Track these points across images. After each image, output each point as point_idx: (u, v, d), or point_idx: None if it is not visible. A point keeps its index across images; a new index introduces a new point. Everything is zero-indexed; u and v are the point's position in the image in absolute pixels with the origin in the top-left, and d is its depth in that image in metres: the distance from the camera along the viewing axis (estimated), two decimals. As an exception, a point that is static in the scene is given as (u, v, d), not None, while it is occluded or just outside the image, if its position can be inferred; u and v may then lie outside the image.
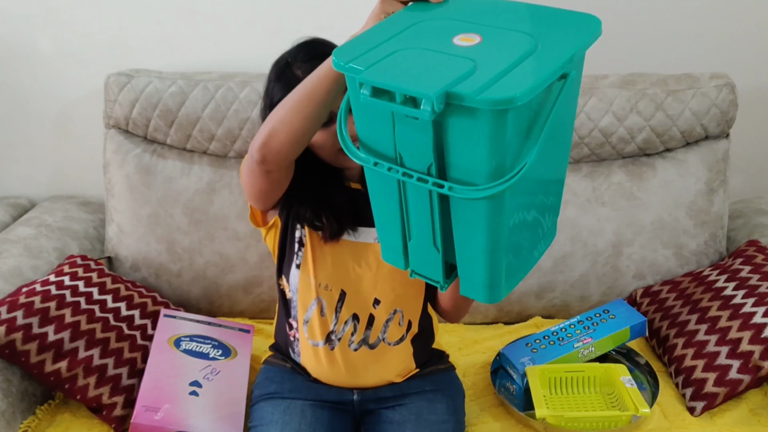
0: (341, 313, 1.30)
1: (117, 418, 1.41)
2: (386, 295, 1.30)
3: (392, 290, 1.30)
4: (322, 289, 1.29)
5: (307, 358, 1.34)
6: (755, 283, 1.52)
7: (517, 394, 1.50)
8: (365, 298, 1.30)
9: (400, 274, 1.24)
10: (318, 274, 1.29)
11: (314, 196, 1.25)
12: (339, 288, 1.29)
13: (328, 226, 1.25)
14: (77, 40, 1.84)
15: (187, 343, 1.52)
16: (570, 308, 1.77)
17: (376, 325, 1.31)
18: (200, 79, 1.74)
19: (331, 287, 1.29)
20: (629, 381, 1.43)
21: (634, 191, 1.74)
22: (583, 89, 1.71)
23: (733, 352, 1.43)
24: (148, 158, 1.76)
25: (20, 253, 1.64)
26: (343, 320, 1.30)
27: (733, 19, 1.93)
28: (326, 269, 1.28)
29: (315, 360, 1.33)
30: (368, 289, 1.29)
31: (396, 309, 1.31)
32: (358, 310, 1.30)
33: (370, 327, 1.31)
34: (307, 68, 1.09)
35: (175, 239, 1.75)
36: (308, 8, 1.81)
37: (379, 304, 1.30)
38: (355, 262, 1.28)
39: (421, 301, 1.34)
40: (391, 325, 1.32)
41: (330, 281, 1.29)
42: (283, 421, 1.27)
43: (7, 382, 1.39)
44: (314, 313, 1.30)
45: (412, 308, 1.33)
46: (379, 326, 1.31)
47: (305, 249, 1.29)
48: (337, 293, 1.29)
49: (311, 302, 1.30)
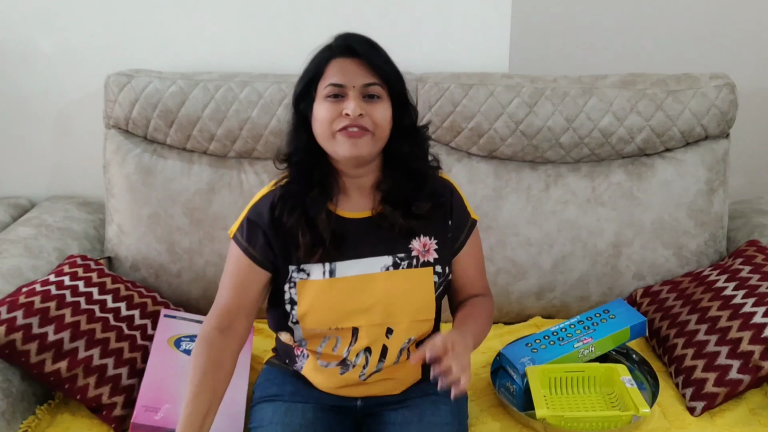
0: (354, 346, 1.25)
1: (117, 418, 1.41)
2: (399, 324, 1.25)
3: (406, 317, 1.25)
4: (333, 330, 1.25)
5: (313, 373, 1.32)
6: (755, 283, 1.52)
7: (517, 394, 1.50)
8: (378, 331, 1.25)
9: (411, 297, 1.24)
10: (321, 322, 1.24)
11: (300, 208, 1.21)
12: (350, 326, 1.24)
13: (303, 243, 1.20)
14: (77, 40, 1.84)
15: (187, 344, 1.52)
16: (570, 308, 1.77)
17: (390, 356, 1.27)
18: (200, 79, 1.74)
19: (341, 327, 1.24)
20: (629, 381, 1.43)
21: (634, 191, 1.74)
22: (583, 89, 1.72)
23: (733, 352, 1.43)
24: (148, 158, 1.76)
25: (20, 253, 1.64)
26: (356, 353, 1.26)
27: (733, 19, 1.93)
28: (330, 313, 1.23)
29: (321, 376, 1.31)
30: (380, 320, 1.24)
31: (410, 338, 1.27)
32: (372, 342, 1.25)
33: (383, 359, 1.27)
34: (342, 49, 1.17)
35: (175, 239, 1.75)
36: (308, 8, 1.81)
37: (392, 333, 1.25)
38: (361, 297, 1.23)
39: (433, 323, 1.29)
40: (403, 353, 1.29)
41: (338, 323, 1.24)
42: (283, 423, 1.27)
43: (7, 382, 1.39)
44: (326, 347, 1.27)
45: (425, 331, 1.29)
46: (393, 356, 1.27)
47: (297, 306, 1.24)
48: (349, 331, 1.25)
49: (322, 341, 1.27)
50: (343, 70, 1.17)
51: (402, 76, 1.22)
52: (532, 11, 1.95)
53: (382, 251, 1.25)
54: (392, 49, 1.22)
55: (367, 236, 1.24)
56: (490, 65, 1.82)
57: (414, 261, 1.25)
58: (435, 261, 1.27)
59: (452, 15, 1.81)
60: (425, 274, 1.26)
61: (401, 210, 1.22)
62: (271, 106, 1.72)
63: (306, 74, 1.21)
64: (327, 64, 1.18)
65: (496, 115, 1.71)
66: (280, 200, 1.23)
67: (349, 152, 1.16)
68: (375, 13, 1.80)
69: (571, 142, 1.73)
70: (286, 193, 1.23)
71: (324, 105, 1.17)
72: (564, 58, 1.96)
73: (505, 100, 1.71)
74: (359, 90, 1.16)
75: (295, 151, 1.24)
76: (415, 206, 1.23)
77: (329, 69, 1.18)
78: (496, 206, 1.74)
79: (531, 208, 1.74)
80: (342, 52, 1.18)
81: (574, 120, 1.71)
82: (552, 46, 1.99)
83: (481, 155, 1.77)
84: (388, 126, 1.20)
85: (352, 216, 1.26)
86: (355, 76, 1.16)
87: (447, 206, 1.29)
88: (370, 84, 1.17)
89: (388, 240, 1.24)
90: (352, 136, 1.15)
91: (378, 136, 1.18)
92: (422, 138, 1.27)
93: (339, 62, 1.18)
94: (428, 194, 1.25)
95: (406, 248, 1.25)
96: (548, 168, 1.77)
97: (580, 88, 1.72)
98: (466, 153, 1.77)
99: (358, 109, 1.14)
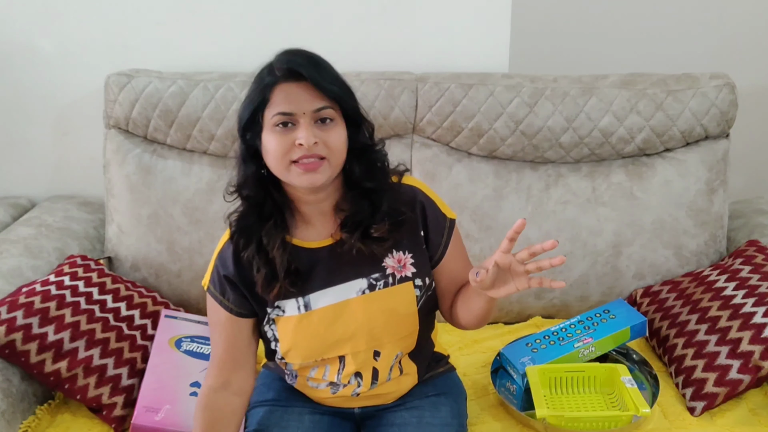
0: (344, 372, 1.23)
1: (117, 418, 1.41)
2: (385, 345, 1.22)
3: (391, 337, 1.22)
4: (319, 361, 1.22)
5: (306, 388, 1.30)
6: (755, 283, 1.52)
7: (517, 394, 1.50)
8: (364, 356, 1.22)
9: (394, 316, 1.20)
10: (306, 356, 1.21)
11: (255, 242, 1.17)
12: (335, 355, 1.21)
13: (258, 278, 1.16)
14: (77, 40, 1.84)
15: (187, 344, 1.52)
16: (570, 308, 1.77)
17: (381, 376, 1.24)
18: (200, 79, 1.74)
19: (327, 357, 1.21)
20: (629, 381, 1.43)
21: (634, 191, 1.74)
22: (583, 89, 1.72)
23: (733, 352, 1.43)
24: (148, 158, 1.76)
25: (20, 253, 1.64)
26: (347, 378, 1.23)
27: (733, 19, 1.93)
28: (312, 347, 1.21)
29: (315, 392, 1.29)
30: (366, 346, 1.21)
31: (398, 353, 1.24)
32: (360, 367, 1.22)
33: (375, 381, 1.24)
34: (284, 71, 1.09)
35: (175, 239, 1.75)
36: (308, 8, 1.80)
37: (380, 355, 1.22)
38: (341, 325, 1.19)
39: (417, 332, 1.25)
40: (394, 369, 1.27)
41: (323, 354, 1.21)
42: (280, 427, 1.26)
43: (7, 382, 1.39)
44: (316, 374, 1.25)
45: (409, 343, 1.26)
46: (385, 375, 1.24)
47: (279, 343, 1.21)
48: (336, 359, 1.22)
49: (311, 370, 1.25)
50: (290, 96, 1.09)
51: (352, 92, 1.14)
52: (532, 11, 1.95)
53: (355, 275, 1.19)
54: (392, 49, 1.22)
55: (335, 262, 1.19)
56: (490, 65, 1.82)
57: (390, 279, 1.20)
58: (414, 275, 1.21)
59: (452, 15, 1.81)
60: (405, 289, 1.21)
61: (359, 233, 1.16)
62: (271, 106, 1.71)
63: (250, 102, 1.12)
64: (272, 90, 1.09)
65: (496, 115, 1.71)
66: (236, 236, 1.18)
67: (307, 183, 1.11)
68: (375, 14, 1.80)
69: (571, 142, 1.73)
70: (240, 228, 1.18)
71: (273, 136, 1.09)
72: (564, 58, 1.96)
73: (505, 100, 1.71)
74: (310, 116, 1.09)
75: (243, 183, 1.16)
76: (373, 229, 1.16)
77: (275, 96, 1.09)
78: (496, 206, 1.74)
79: (531, 208, 1.74)
80: (286, 77, 1.09)
81: (574, 120, 1.71)
82: (552, 46, 1.99)
83: (481, 155, 1.77)
84: (344, 149, 1.13)
85: (315, 245, 1.20)
86: (304, 102, 1.08)
87: (416, 218, 1.22)
88: (321, 108, 1.09)
89: (358, 263, 1.18)
90: (308, 170, 1.09)
91: (333, 161, 1.11)
92: (376, 156, 1.19)
93: (285, 87, 1.09)
94: (386, 214, 1.17)
95: (380, 267, 1.20)
96: (548, 168, 1.77)
97: (580, 88, 1.72)
98: (466, 153, 1.77)
99: (312, 138, 1.07)
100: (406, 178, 1.24)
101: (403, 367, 1.28)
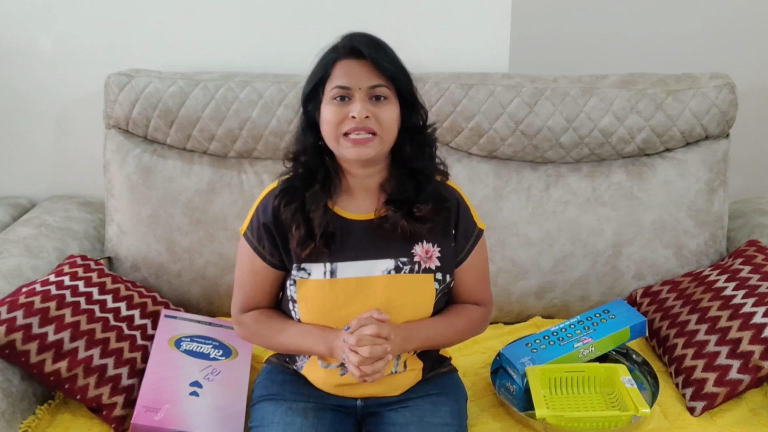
0: None
1: (117, 418, 1.41)
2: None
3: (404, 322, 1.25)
4: None
5: (313, 373, 1.32)
6: (755, 283, 1.52)
7: (517, 394, 1.50)
8: None
9: (411, 304, 1.24)
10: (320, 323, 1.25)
11: (298, 202, 1.23)
12: None
13: (295, 235, 1.22)
14: (77, 40, 1.84)
15: (187, 344, 1.52)
16: (570, 308, 1.77)
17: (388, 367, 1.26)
18: (200, 79, 1.74)
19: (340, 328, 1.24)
20: (629, 381, 1.43)
21: (634, 191, 1.74)
22: (583, 89, 1.72)
23: (733, 352, 1.43)
24: (148, 158, 1.76)
25: (20, 253, 1.63)
26: None
27: (733, 19, 1.93)
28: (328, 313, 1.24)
29: (321, 376, 1.31)
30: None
31: None
32: None
33: None
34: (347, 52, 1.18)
35: (175, 239, 1.75)
36: (308, 8, 1.80)
37: None
38: (360, 300, 1.23)
39: None
40: (400, 363, 1.29)
41: (337, 324, 1.24)
42: (284, 422, 1.27)
43: (7, 382, 1.39)
44: None
45: None
46: (390, 366, 1.27)
47: (297, 305, 1.26)
48: None
49: None
50: (348, 72, 1.17)
51: (409, 74, 1.22)
52: (532, 11, 1.95)
53: (385, 254, 1.24)
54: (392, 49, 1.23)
55: (369, 238, 1.24)
56: (490, 65, 1.82)
57: (416, 266, 1.25)
58: (437, 268, 1.26)
59: (452, 15, 1.81)
60: (426, 280, 1.25)
61: (403, 211, 1.22)
62: (271, 106, 1.72)
63: (313, 76, 1.21)
64: (333, 65, 1.19)
65: (496, 115, 1.71)
66: (280, 193, 1.25)
67: (355, 156, 1.18)
68: (375, 13, 1.80)
69: (572, 142, 1.73)
70: (287, 187, 1.25)
71: (330, 107, 1.18)
72: (564, 58, 1.96)
73: (505, 100, 1.71)
74: (365, 92, 1.17)
75: (302, 150, 1.25)
76: (417, 208, 1.22)
77: (335, 71, 1.18)
78: (497, 206, 1.74)
79: (531, 207, 1.74)
80: (347, 54, 1.18)
81: (574, 120, 1.71)
82: (552, 46, 1.98)
83: (482, 155, 1.77)
84: (395, 127, 1.20)
85: (353, 217, 1.26)
86: (361, 78, 1.17)
87: (452, 214, 1.28)
88: (376, 86, 1.17)
89: (390, 243, 1.24)
90: (357, 143, 1.17)
91: (384, 137, 1.18)
92: (427, 138, 1.26)
93: (345, 64, 1.18)
94: (430, 196, 1.24)
95: (409, 252, 1.25)
96: (548, 168, 1.77)
97: (580, 88, 1.72)
98: (466, 153, 1.77)
99: (364, 112, 1.15)
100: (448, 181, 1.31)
101: (409, 363, 1.30)
